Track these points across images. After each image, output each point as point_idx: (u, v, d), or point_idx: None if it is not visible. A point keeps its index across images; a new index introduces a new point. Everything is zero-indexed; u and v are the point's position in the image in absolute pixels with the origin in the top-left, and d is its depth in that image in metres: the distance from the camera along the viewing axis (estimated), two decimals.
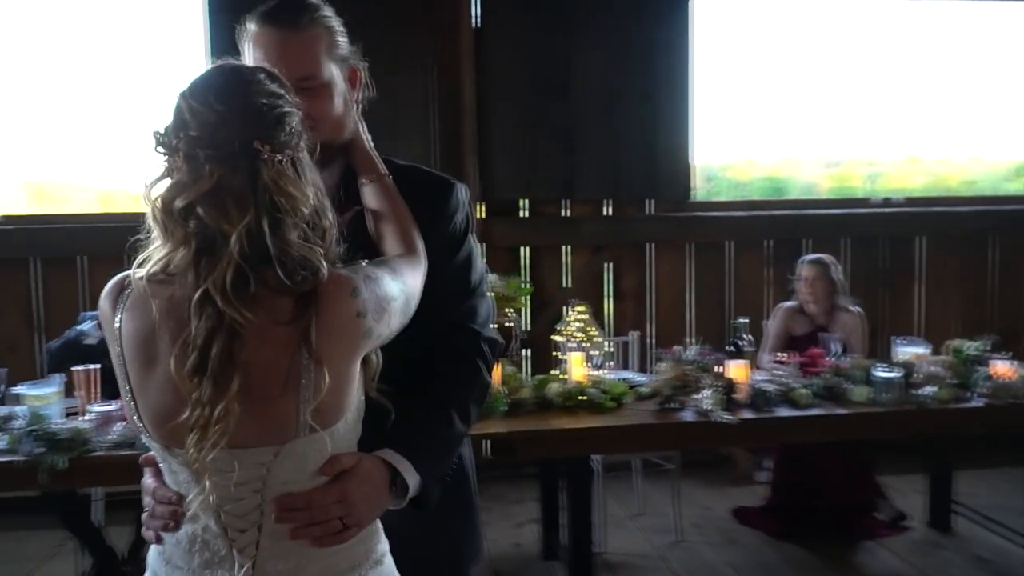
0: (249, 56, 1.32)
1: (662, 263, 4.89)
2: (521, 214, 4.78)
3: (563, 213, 4.81)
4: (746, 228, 4.90)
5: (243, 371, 1.03)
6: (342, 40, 1.38)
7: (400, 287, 1.19)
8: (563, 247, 4.82)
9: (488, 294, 1.49)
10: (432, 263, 1.32)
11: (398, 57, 4.45)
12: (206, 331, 1.02)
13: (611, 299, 4.88)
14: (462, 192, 1.48)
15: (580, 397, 3.01)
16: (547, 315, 4.75)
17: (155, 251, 1.09)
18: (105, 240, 3.55)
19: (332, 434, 1.11)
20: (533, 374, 3.54)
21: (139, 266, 1.10)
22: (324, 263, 1.08)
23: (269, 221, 1.05)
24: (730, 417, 2.83)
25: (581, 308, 3.19)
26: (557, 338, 3.19)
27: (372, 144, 1.43)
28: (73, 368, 2.83)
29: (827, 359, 3.37)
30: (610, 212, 4.83)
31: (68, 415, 2.71)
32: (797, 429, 3.04)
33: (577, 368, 3.12)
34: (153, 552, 1.20)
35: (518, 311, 3.29)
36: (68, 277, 4.30)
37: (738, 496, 4.19)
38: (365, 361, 1.17)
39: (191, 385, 1.02)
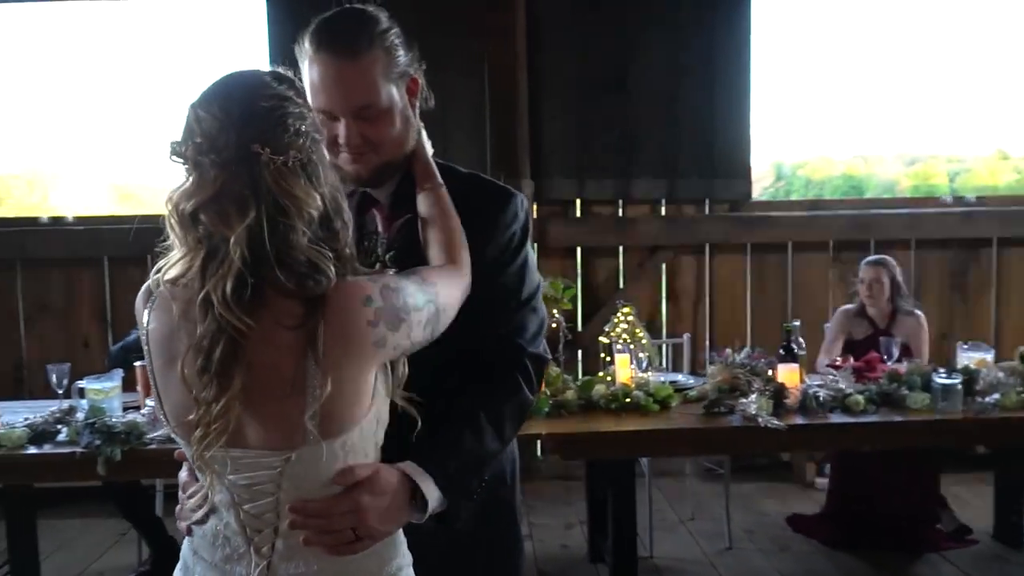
0: (306, 74, 1.30)
1: (720, 264, 4.80)
2: (575, 214, 4.77)
3: (619, 213, 4.78)
4: (808, 228, 4.77)
5: (247, 372, 1.05)
6: (401, 56, 1.35)
7: (428, 298, 1.17)
8: (618, 248, 4.79)
9: (540, 308, 1.44)
10: (482, 273, 1.30)
11: (451, 58, 4.48)
12: (210, 333, 1.04)
13: (666, 301, 4.82)
14: (520, 203, 1.44)
15: (626, 399, 2.99)
16: (600, 317, 4.74)
17: (173, 256, 1.13)
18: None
19: (344, 443, 1.10)
20: (584, 376, 3.53)
21: (159, 271, 1.14)
22: (332, 268, 1.07)
23: (270, 225, 1.05)
24: (777, 422, 2.77)
25: (627, 310, 3.17)
26: (603, 340, 3.17)
27: (432, 151, 1.43)
28: (135, 363, 2.95)
29: (885, 363, 3.26)
30: (666, 212, 4.77)
31: (127, 409, 2.83)
32: (850, 436, 2.95)
33: (623, 370, 3.10)
34: (185, 543, 1.24)
35: (564, 312, 3.28)
36: (138, 276, 4.48)
37: (796, 502, 4.09)
38: (391, 369, 1.16)
39: (198, 384, 1.05)
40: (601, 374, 3.14)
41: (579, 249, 4.77)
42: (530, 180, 4.57)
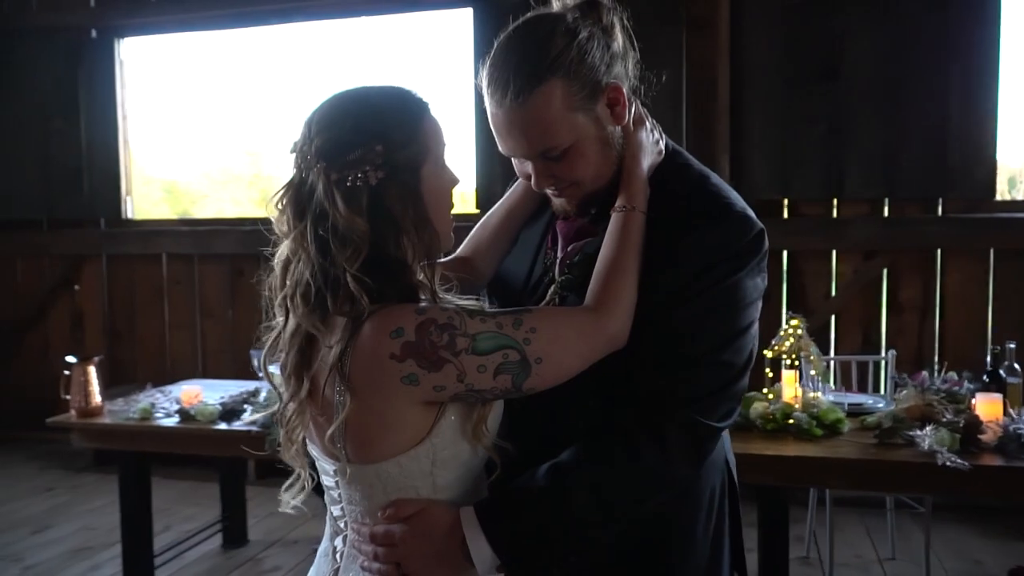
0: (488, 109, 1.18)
1: (953, 272, 4.21)
2: (780, 214, 4.43)
3: (832, 214, 4.36)
4: None
5: (312, 380, 1.09)
6: (589, 70, 1.15)
7: (503, 344, 1.05)
8: (830, 252, 4.37)
9: (725, 370, 1.12)
10: (648, 309, 1.12)
11: (646, 52, 4.36)
12: (289, 334, 1.10)
13: (886, 312, 4.32)
14: (739, 229, 1.15)
15: (786, 421, 2.73)
16: (808, 326, 4.35)
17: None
18: None
19: (379, 473, 1.08)
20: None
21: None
22: (365, 296, 1.04)
23: (319, 239, 1.06)
24: (960, 461, 2.36)
25: (796, 322, 2.88)
26: (768, 354, 2.91)
27: (660, 155, 1.27)
28: None
29: None
30: (887, 212, 4.27)
31: None
32: None
33: (788, 388, 2.83)
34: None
35: None
36: None
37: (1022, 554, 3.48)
38: (466, 407, 1.09)
39: (284, 382, 1.12)
40: (765, 391, 2.89)
41: (784, 253, 4.43)
42: (729, 179, 4.32)
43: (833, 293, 4.35)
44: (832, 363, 3.66)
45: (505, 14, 1.26)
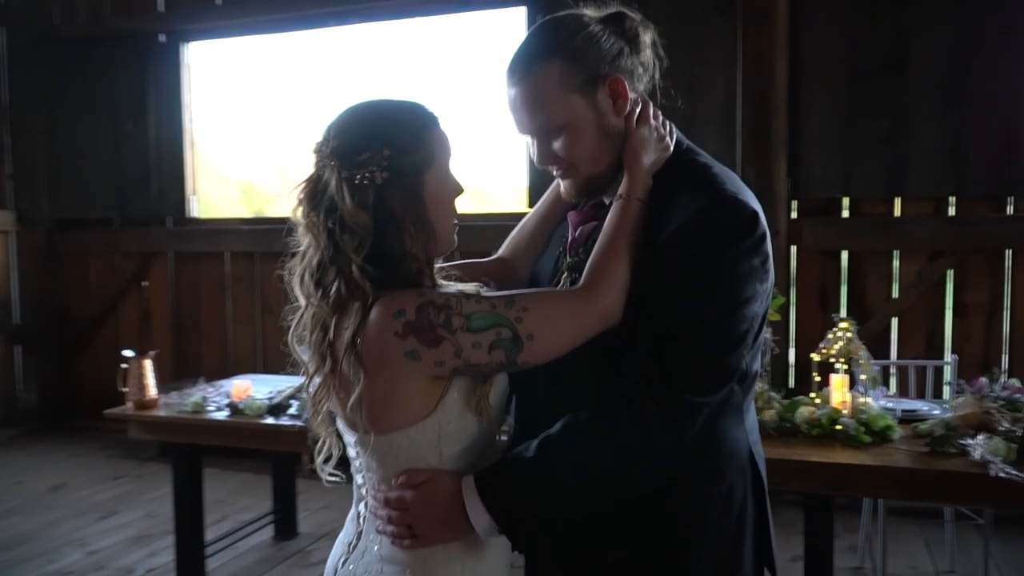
0: None
1: (1023, 273, 4.02)
2: (839, 213, 4.30)
3: (895, 213, 4.21)
4: None
5: (332, 356, 1.18)
6: (593, 58, 1.22)
7: (496, 322, 1.13)
8: (892, 252, 4.22)
9: (708, 356, 1.16)
10: (637, 293, 1.17)
11: (701, 46, 4.30)
12: (310, 314, 1.22)
13: (951, 315, 4.15)
14: (722, 214, 1.16)
15: (832, 426, 2.64)
16: (866, 331, 4.22)
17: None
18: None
19: (391, 443, 1.19)
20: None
21: None
22: (368, 283, 1.15)
23: (328, 232, 1.18)
24: (1015, 473, 2.25)
25: (845, 324, 2.79)
26: (815, 357, 2.83)
27: (648, 159, 1.27)
28: None
29: None
30: (953, 212, 4.10)
31: None
32: None
33: (836, 393, 2.74)
34: None
35: (772, 324, 2.97)
36: None
37: None
38: (469, 384, 1.19)
39: (310, 359, 1.23)
40: (813, 395, 2.81)
41: (844, 254, 4.30)
42: (785, 177, 4.22)
43: (895, 295, 4.20)
44: (890, 368, 3.54)
45: (558, 12, 1.30)
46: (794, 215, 4.32)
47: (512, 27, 4.71)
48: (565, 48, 1.22)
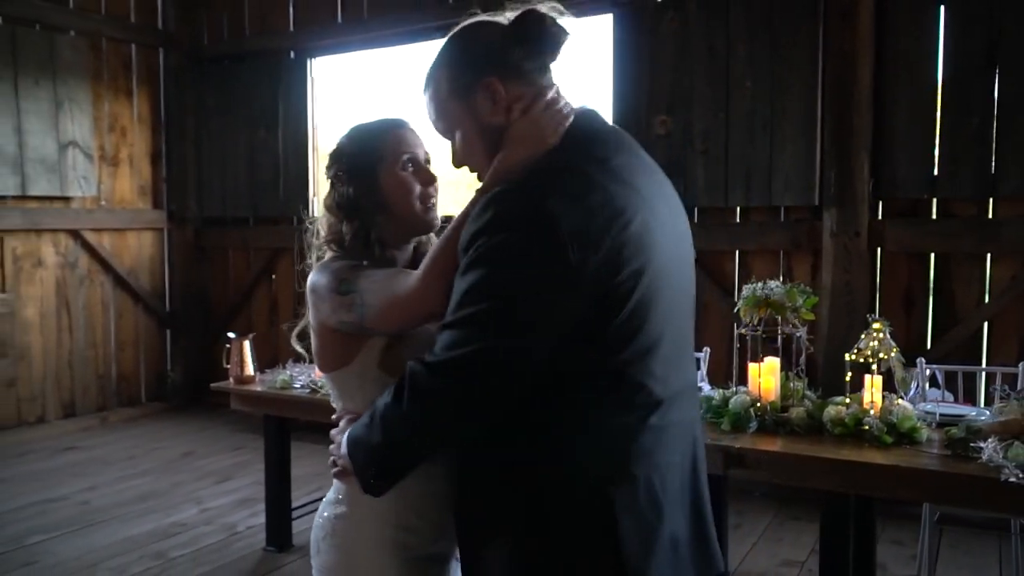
0: None
1: None
2: (927, 214, 4.15)
3: (988, 215, 4.03)
4: None
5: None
6: (468, 64, 1.30)
7: (352, 290, 1.39)
8: (984, 255, 4.04)
9: (462, 326, 1.18)
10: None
11: (783, 45, 4.28)
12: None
13: None
14: (502, 207, 1.18)
15: (863, 427, 2.65)
16: (954, 335, 4.07)
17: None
18: None
19: (332, 380, 1.51)
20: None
21: None
22: (314, 253, 1.58)
23: (327, 211, 1.55)
24: None
25: (878, 326, 2.77)
26: (850, 358, 2.82)
27: (518, 155, 1.27)
28: None
29: None
30: None
31: None
32: None
33: (867, 393, 2.74)
34: None
35: (806, 323, 2.97)
36: None
37: None
38: (383, 343, 1.44)
39: None
40: (843, 397, 2.81)
41: (932, 256, 4.16)
42: (868, 177, 4.14)
43: (986, 300, 4.02)
44: (957, 373, 3.42)
45: (644, 17, 1.45)
46: (879, 216, 4.22)
47: (600, 33, 4.87)
48: (447, 57, 1.33)
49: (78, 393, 6.05)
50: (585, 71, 5.11)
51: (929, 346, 4.11)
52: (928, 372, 3.18)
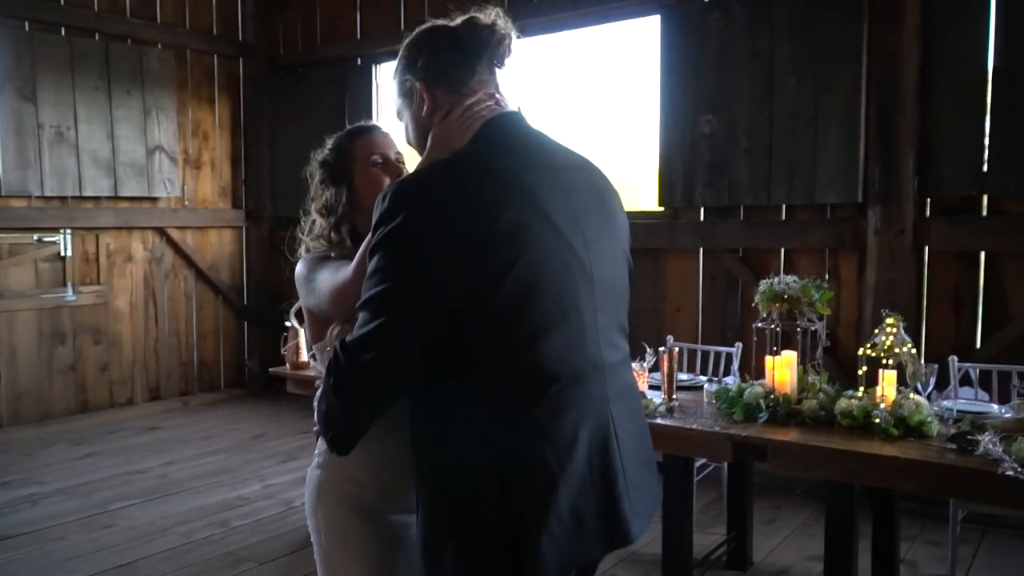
0: None
1: None
2: (977, 212, 4.09)
3: None
4: None
5: None
6: (411, 67, 1.45)
7: (313, 278, 1.63)
8: None
9: (379, 315, 1.28)
10: None
11: (826, 45, 4.29)
12: None
13: None
14: (386, 199, 1.29)
15: (874, 420, 2.70)
16: (1005, 335, 3.99)
17: None
18: None
19: (316, 350, 1.70)
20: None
21: None
22: (303, 245, 1.79)
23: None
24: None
25: (891, 321, 2.80)
26: (864, 353, 2.86)
27: (433, 155, 1.42)
28: None
29: None
30: None
31: None
32: None
33: (888, 389, 2.77)
34: None
35: (821, 317, 3.00)
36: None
37: None
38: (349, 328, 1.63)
39: None
40: (857, 391, 2.85)
41: (982, 255, 4.09)
42: (913, 175, 4.11)
43: None
44: (992, 372, 3.38)
45: (690, 18, 1.57)
46: (925, 214, 4.18)
47: (648, 35, 4.96)
48: (400, 58, 1.49)
49: (163, 378, 6.52)
50: (637, 73, 5.22)
51: (979, 345, 4.05)
52: (961, 371, 3.17)
